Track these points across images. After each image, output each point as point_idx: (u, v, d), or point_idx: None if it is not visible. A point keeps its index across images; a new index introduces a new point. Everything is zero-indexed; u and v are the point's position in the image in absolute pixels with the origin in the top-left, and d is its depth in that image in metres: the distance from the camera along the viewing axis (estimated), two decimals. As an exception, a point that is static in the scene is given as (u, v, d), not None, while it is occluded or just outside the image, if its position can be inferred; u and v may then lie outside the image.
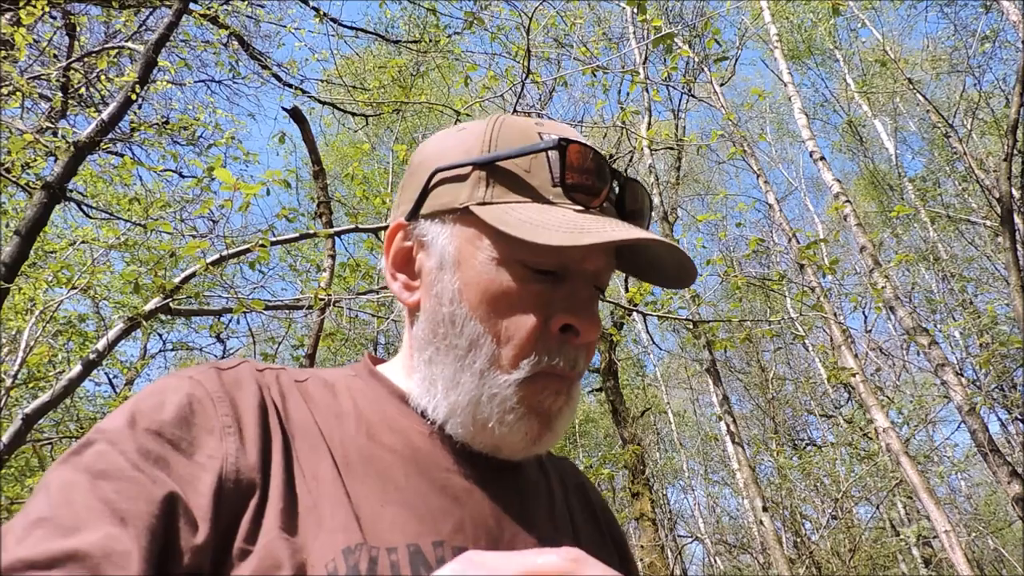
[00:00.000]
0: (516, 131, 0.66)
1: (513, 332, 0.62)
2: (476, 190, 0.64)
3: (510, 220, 0.61)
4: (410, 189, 0.70)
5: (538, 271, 0.63)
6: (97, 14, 6.52)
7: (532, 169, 0.64)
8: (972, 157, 9.01)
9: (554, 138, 0.64)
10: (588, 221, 0.61)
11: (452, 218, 0.65)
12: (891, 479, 7.92)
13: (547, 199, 0.63)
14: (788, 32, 12.22)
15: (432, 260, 0.66)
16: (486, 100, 5.86)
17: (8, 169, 4.13)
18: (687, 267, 0.67)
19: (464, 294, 0.64)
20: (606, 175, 0.65)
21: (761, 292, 8.75)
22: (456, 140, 0.68)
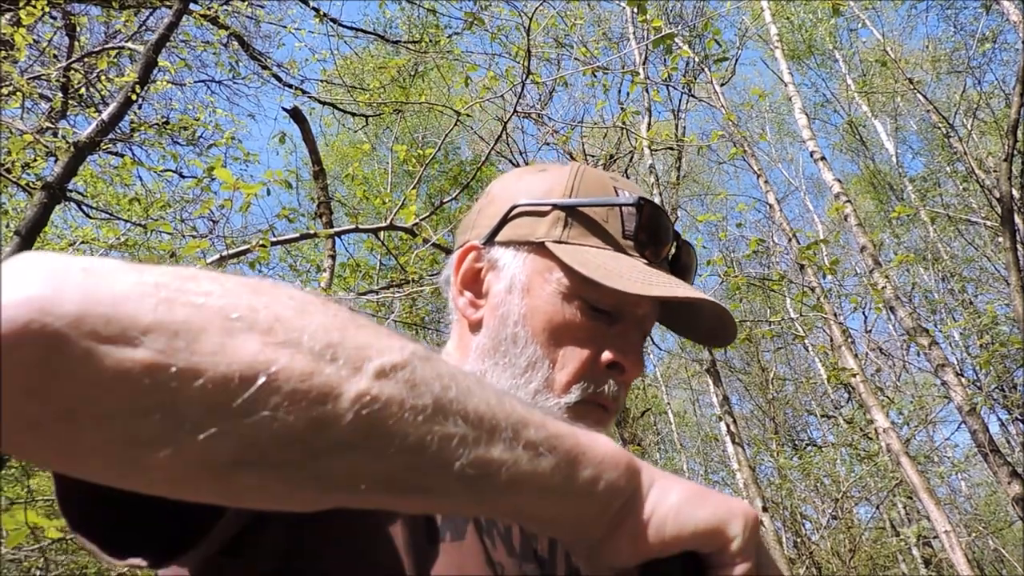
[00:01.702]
0: (596, 182, 0.75)
1: (568, 360, 0.70)
2: (554, 228, 0.72)
3: (588, 262, 0.69)
4: (486, 216, 0.77)
5: (596, 309, 0.71)
6: (97, 14, 6.52)
7: (608, 219, 0.73)
8: (972, 157, 9.01)
9: (634, 196, 0.73)
10: (653, 275, 0.70)
11: (527, 249, 0.73)
12: (891, 479, 7.92)
13: (619, 248, 0.72)
14: (788, 32, 12.21)
15: (502, 283, 0.73)
16: (486, 100, 5.85)
17: (8, 169, 4.13)
18: (729, 329, 0.75)
19: (528, 319, 0.71)
20: (670, 234, 0.75)
21: (761, 292, 8.74)
22: (539, 180, 0.77)
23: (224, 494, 0.34)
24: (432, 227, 4.50)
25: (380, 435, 0.34)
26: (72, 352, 0.29)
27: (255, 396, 0.31)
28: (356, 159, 7.39)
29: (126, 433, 0.30)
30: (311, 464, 0.33)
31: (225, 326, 0.32)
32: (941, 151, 11.92)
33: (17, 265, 0.31)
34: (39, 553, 3.72)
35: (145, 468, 0.31)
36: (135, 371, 0.30)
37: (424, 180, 10.04)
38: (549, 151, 13.85)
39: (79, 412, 0.30)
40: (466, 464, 0.37)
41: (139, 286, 0.32)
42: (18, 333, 0.28)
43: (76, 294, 0.30)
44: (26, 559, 4.37)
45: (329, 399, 0.33)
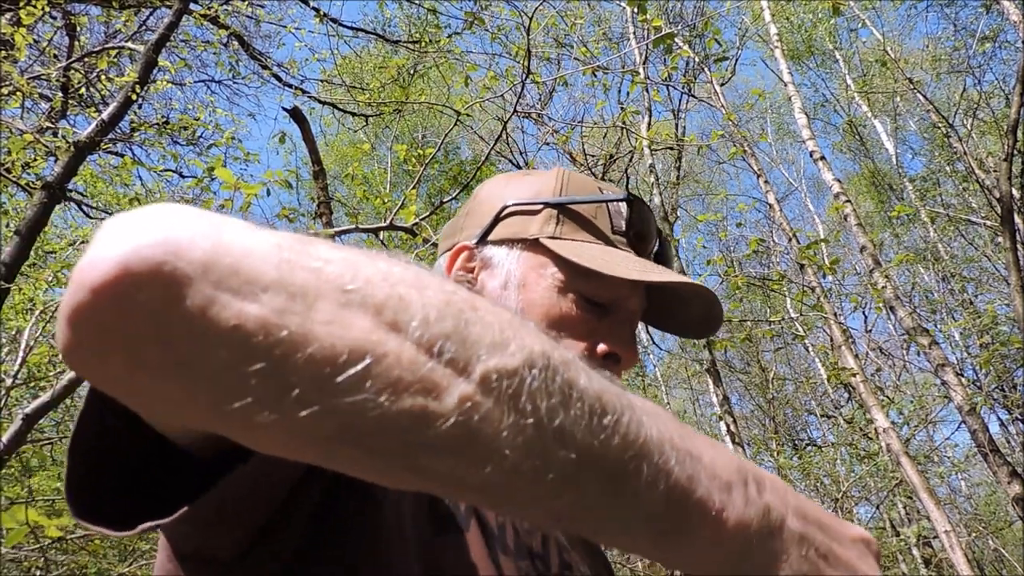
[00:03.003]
0: (582, 183, 0.79)
1: None
2: (546, 225, 0.75)
3: (583, 254, 0.71)
4: (476, 217, 0.79)
5: (590, 302, 0.73)
6: (97, 14, 6.52)
7: (597, 216, 0.76)
8: (972, 157, 9.01)
9: (623, 192, 0.77)
10: (647, 264, 0.74)
11: (520, 246, 0.75)
12: (891, 479, 7.92)
13: (610, 242, 0.75)
14: (788, 32, 12.21)
15: (496, 280, 0.75)
16: (486, 100, 5.85)
17: (8, 169, 4.13)
18: (716, 317, 0.78)
19: (525, 313, 0.72)
20: (654, 229, 0.79)
21: (761, 292, 8.74)
22: (526, 183, 0.80)
23: (326, 462, 0.33)
24: (432, 227, 4.50)
25: (475, 448, 0.33)
26: (196, 297, 0.29)
27: (360, 376, 0.31)
28: (356, 159, 7.40)
29: (233, 390, 0.30)
30: (408, 458, 0.32)
31: (341, 297, 0.32)
32: (941, 151, 11.92)
33: (155, 210, 0.32)
34: (39, 553, 3.72)
35: (250, 428, 0.31)
36: (250, 325, 0.30)
37: (424, 180, 10.03)
38: (549, 151, 13.85)
39: (194, 358, 0.30)
40: (558, 496, 0.35)
41: (263, 244, 0.32)
42: (151, 272, 0.29)
43: (207, 242, 0.31)
44: (26, 559, 4.37)
45: (431, 395, 0.32)
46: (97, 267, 0.29)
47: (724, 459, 0.41)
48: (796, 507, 0.43)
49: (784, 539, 0.41)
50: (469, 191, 7.35)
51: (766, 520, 0.40)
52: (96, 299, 0.29)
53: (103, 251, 0.30)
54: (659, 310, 0.80)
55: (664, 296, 0.79)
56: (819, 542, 0.43)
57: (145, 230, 0.30)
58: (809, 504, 0.44)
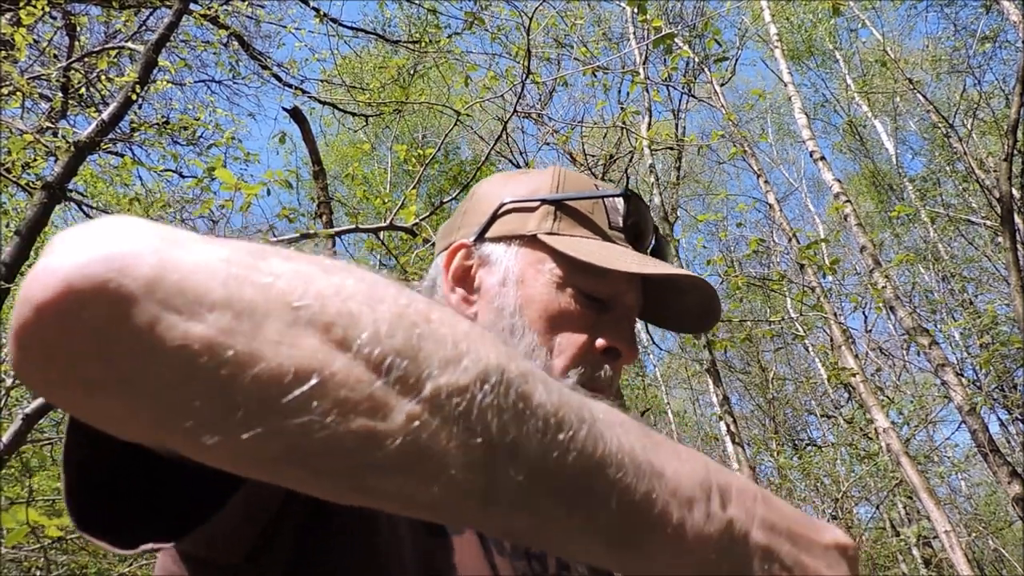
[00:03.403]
0: (579, 180, 0.80)
1: (565, 346, 0.71)
2: (544, 222, 0.75)
3: (581, 249, 0.72)
4: (473, 215, 0.80)
5: (589, 297, 0.73)
6: (97, 14, 6.52)
7: (594, 212, 0.76)
8: (972, 157, 9.01)
9: (620, 188, 0.78)
10: (645, 258, 0.74)
11: (519, 243, 0.75)
12: (891, 479, 7.92)
13: (608, 238, 0.75)
14: (788, 32, 12.21)
15: (495, 277, 0.75)
16: (486, 100, 5.86)
17: (8, 169, 4.13)
18: (714, 311, 0.78)
19: (524, 309, 0.72)
20: (651, 224, 0.79)
21: (761, 292, 8.74)
22: (523, 181, 0.80)
23: (273, 480, 0.33)
24: (432, 227, 4.49)
25: (423, 467, 0.32)
26: (140, 316, 0.29)
27: (306, 396, 0.30)
28: (356, 159, 7.39)
29: (177, 410, 0.30)
30: (355, 479, 0.32)
31: (289, 315, 0.31)
32: (941, 151, 11.92)
33: (105, 223, 0.31)
34: (40, 552, 3.72)
35: (195, 447, 0.31)
36: (195, 346, 0.29)
37: (424, 180, 10.03)
38: (549, 151, 13.84)
39: (136, 377, 0.29)
40: (509, 515, 0.34)
41: (212, 259, 0.31)
42: (95, 290, 0.29)
43: (154, 258, 0.30)
44: (26, 559, 4.37)
45: (378, 415, 0.31)
46: (41, 283, 0.29)
47: (688, 471, 0.40)
48: (763, 518, 0.42)
49: (746, 554, 0.40)
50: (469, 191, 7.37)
51: (727, 535, 0.40)
52: (39, 316, 0.29)
53: (49, 266, 0.29)
54: (656, 306, 0.81)
55: (661, 292, 0.79)
56: (785, 553, 0.42)
57: (92, 245, 0.30)
58: (780, 512, 0.43)
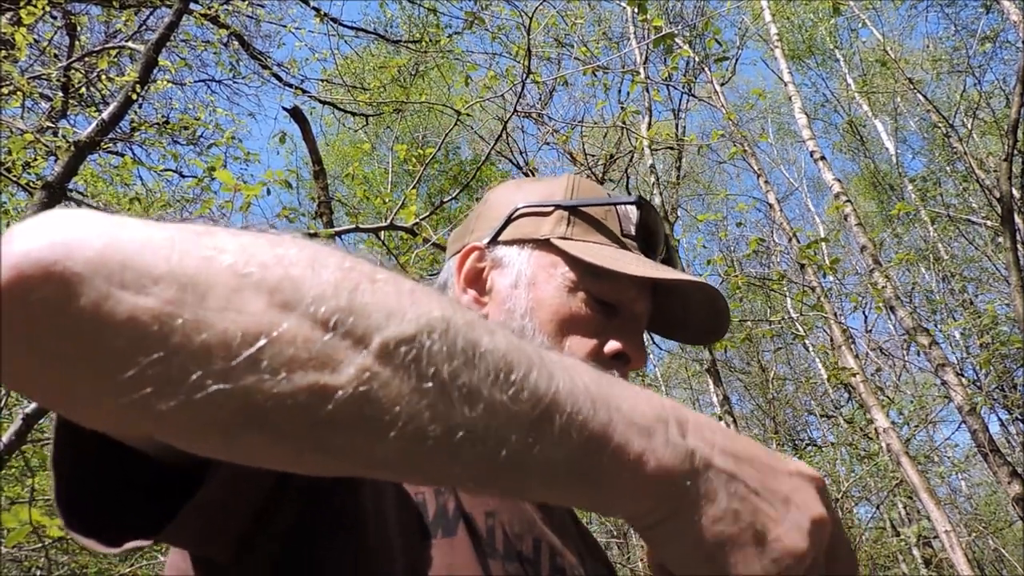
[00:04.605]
0: (592, 187, 0.81)
1: (575, 349, 0.72)
2: (558, 226, 0.76)
3: (595, 254, 0.73)
4: (487, 219, 0.81)
5: (599, 302, 0.74)
6: (97, 14, 6.52)
7: (607, 218, 0.78)
8: (972, 157, 9.01)
9: (633, 196, 0.79)
10: (655, 265, 0.75)
11: (532, 246, 0.76)
12: (891, 479, 7.91)
13: (620, 244, 0.77)
14: (788, 32, 12.21)
15: (507, 279, 0.76)
16: (486, 100, 5.85)
17: (9, 169, 4.13)
18: (723, 321, 0.78)
19: (535, 311, 0.73)
20: (663, 232, 0.80)
21: (761, 292, 8.74)
22: (537, 187, 0.82)
23: (234, 453, 0.33)
24: (432, 227, 4.50)
25: (378, 417, 0.32)
26: (89, 294, 0.30)
27: (255, 356, 0.31)
28: (356, 159, 7.38)
29: (133, 380, 0.31)
30: (313, 434, 0.32)
31: (233, 283, 0.32)
32: (941, 151, 11.91)
33: (51, 215, 0.33)
34: (40, 552, 3.72)
35: (154, 417, 0.32)
36: (143, 318, 0.31)
37: (424, 180, 10.03)
38: (549, 151, 13.83)
39: (91, 352, 0.31)
40: (470, 458, 0.35)
41: (156, 238, 0.33)
42: (43, 273, 0.30)
43: (99, 241, 0.31)
44: (27, 558, 4.37)
45: (327, 370, 0.32)
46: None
47: (645, 405, 0.40)
48: (724, 446, 0.42)
49: (710, 478, 0.40)
50: (469, 191, 7.30)
51: (689, 462, 0.40)
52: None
53: (3, 253, 0.31)
54: (664, 317, 0.81)
55: (670, 302, 0.80)
56: (749, 477, 0.41)
57: (38, 234, 0.31)
58: (742, 443, 0.43)
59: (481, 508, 0.63)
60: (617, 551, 9.74)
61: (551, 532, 0.69)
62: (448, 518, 0.61)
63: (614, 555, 9.62)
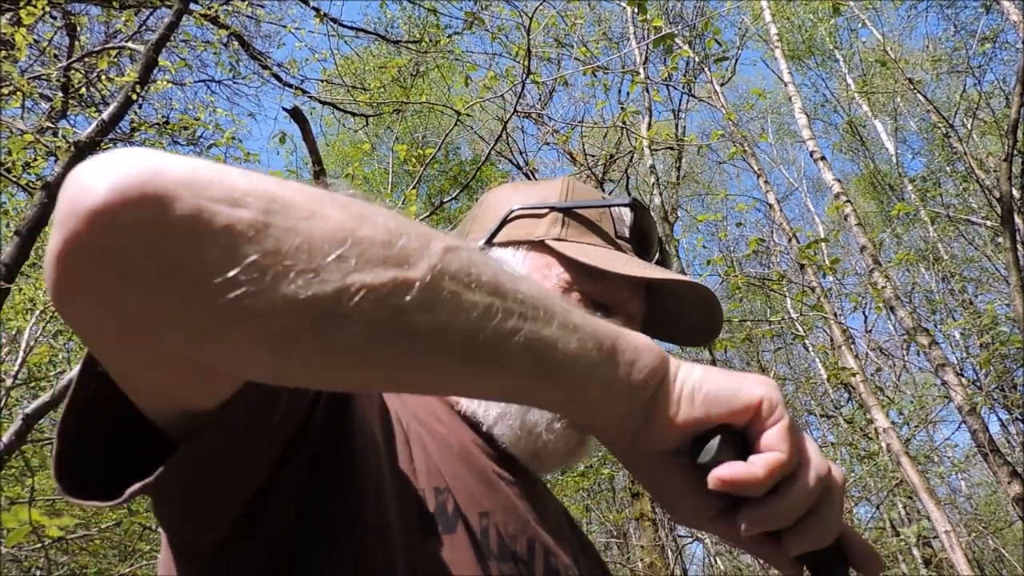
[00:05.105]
0: (587, 190, 0.83)
1: None
2: (553, 228, 0.77)
3: (589, 255, 0.73)
4: (483, 221, 0.82)
5: (594, 303, 0.74)
6: (97, 14, 6.52)
7: (602, 220, 0.79)
8: (972, 157, 9.01)
9: (627, 198, 0.80)
10: (649, 265, 0.76)
11: (526, 247, 0.77)
12: (891, 479, 7.91)
13: (615, 246, 0.78)
14: (788, 32, 12.20)
15: None
16: (486, 100, 5.85)
17: (8, 169, 4.13)
18: (716, 322, 0.79)
19: None
20: (656, 234, 0.82)
21: (761, 292, 8.74)
22: (533, 189, 0.83)
23: (318, 350, 0.36)
24: (432, 227, 4.49)
25: (454, 300, 0.38)
26: (183, 207, 0.32)
27: (345, 254, 0.35)
28: (356, 159, 7.38)
29: (229, 283, 0.33)
30: (399, 318, 0.37)
31: (310, 200, 0.37)
32: (941, 151, 11.91)
33: (123, 150, 0.35)
34: (40, 552, 3.72)
35: (246, 320, 0.34)
36: (241, 227, 0.33)
37: (424, 180, 10.03)
38: (549, 151, 13.83)
39: (188, 262, 0.33)
40: (526, 337, 0.41)
41: (227, 167, 0.36)
42: (139, 192, 0.32)
43: (183, 164, 0.34)
44: (27, 558, 4.37)
45: (407, 264, 0.37)
46: (87, 195, 0.32)
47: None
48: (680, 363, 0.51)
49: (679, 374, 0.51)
50: (469, 191, 7.28)
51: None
52: (90, 223, 0.32)
53: (87, 183, 0.32)
54: (659, 318, 0.82)
55: (664, 303, 0.80)
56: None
57: (122, 161, 0.33)
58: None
59: (475, 509, 0.63)
60: (617, 551, 9.74)
61: (545, 533, 0.69)
62: (448, 516, 0.61)
63: (614, 555, 9.62)
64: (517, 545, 0.65)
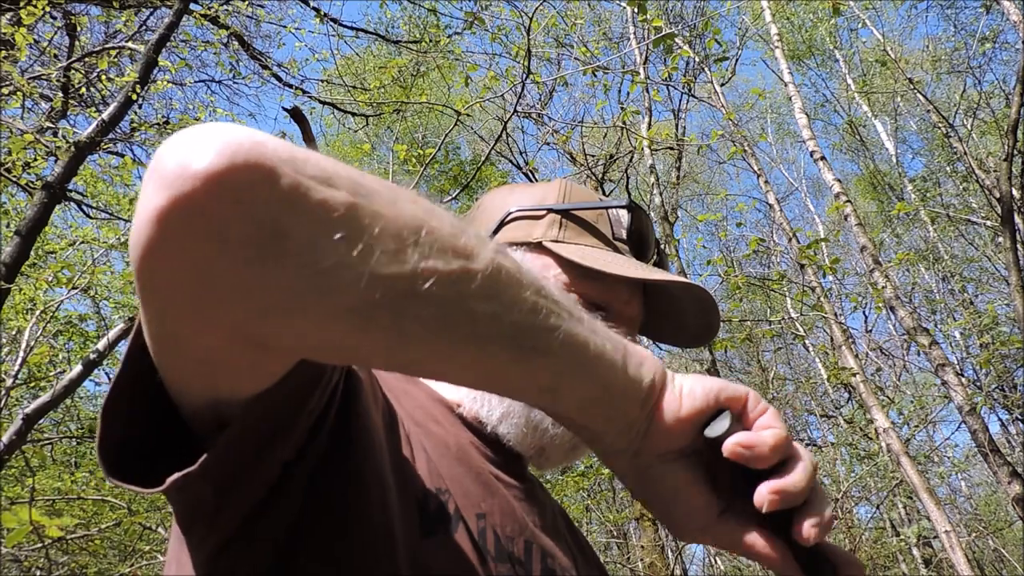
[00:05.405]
0: (584, 192, 0.83)
1: None
2: (550, 230, 0.78)
3: (586, 256, 0.74)
4: (480, 224, 0.82)
5: (593, 304, 0.74)
6: (97, 14, 6.52)
7: (599, 222, 0.79)
8: (972, 157, 9.01)
9: (624, 199, 0.81)
10: (647, 267, 0.77)
11: (524, 249, 0.78)
12: (891, 479, 7.92)
13: (612, 247, 0.78)
14: (789, 32, 12.20)
15: None
16: (486, 100, 5.86)
17: (9, 169, 4.13)
18: (713, 323, 0.79)
19: None
20: (653, 236, 0.82)
21: (761, 292, 8.74)
22: (530, 192, 0.83)
23: (392, 326, 0.39)
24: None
25: (509, 292, 0.42)
26: (285, 180, 0.35)
27: (421, 241, 0.39)
28: (356, 159, 7.39)
29: (321, 258, 0.35)
30: (464, 304, 0.40)
31: (389, 190, 0.40)
32: (941, 151, 11.91)
33: (218, 124, 0.36)
34: (40, 552, 3.72)
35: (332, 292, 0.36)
36: (335, 204, 0.36)
37: (424, 180, 10.03)
38: (549, 151, 13.84)
39: (286, 235, 0.35)
40: (565, 334, 0.45)
41: (313, 151, 0.38)
42: (247, 162, 0.34)
43: (279, 142, 0.36)
44: (27, 558, 4.37)
45: (471, 256, 0.41)
46: (196, 159, 0.33)
47: None
48: None
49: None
50: (469, 191, 7.25)
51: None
52: (201, 186, 0.33)
53: (194, 148, 0.34)
54: (656, 319, 0.82)
55: (661, 305, 0.81)
56: None
57: (227, 132, 0.35)
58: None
59: (473, 510, 0.64)
60: (617, 551, 9.74)
61: (543, 535, 0.69)
62: (448, 516, 0.61)
63: (614, 555, 9.62)
64: (515, 547, 0.66)
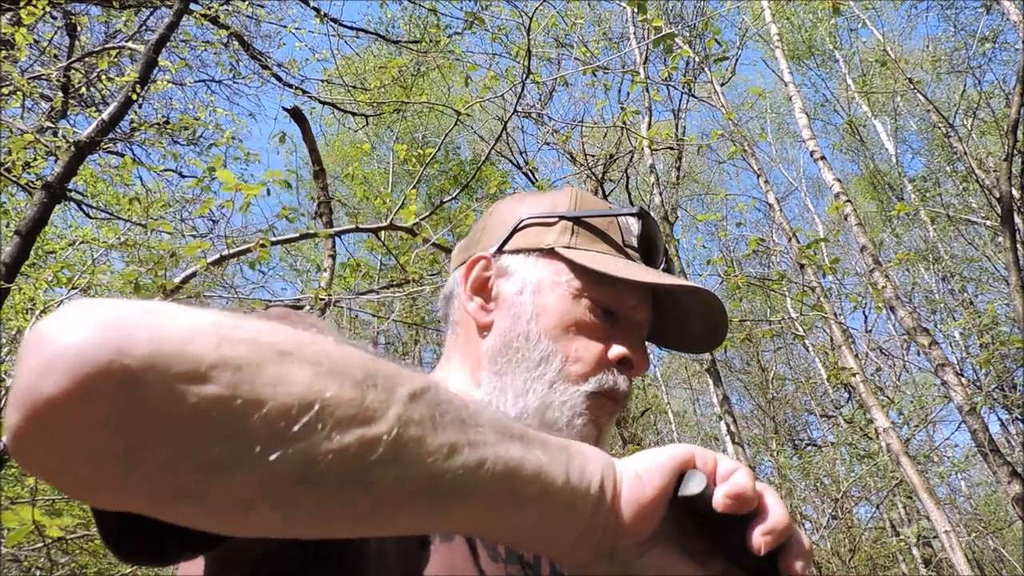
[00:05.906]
0: (594, 200, 0.85)
1: (582, 353, 0.75)
2: (562, 236, 0.79)
3: (598, 262, 0.76)
4: (492, 230, 0.84)
5: (603, 309, 0.76)
6: (97, 14, 6.52)
7: (609, 229, 0.81)
8: (972, 157, 9.01)
9: (635, 207, 0.83)
10: (658, 272, 0.78)
11: (537, 255, 0.79)
12: (891, 479, 7.92)
13: (623, 253, 0.80)
14: (788, 32, 12.20)
15: (513, 286, 0.79)
16: (486, 100, 5.86)
17: (8, 169, 4.13)
18: (720, 329, 0.80)
19: (540, 317, 0.76)
20: (662, 243, 0.84)
21: (761, 292, 8.74)
22: (541, 199, 0.85)
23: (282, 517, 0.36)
24: (432, 227, 4.50)
25: (419, 447, 0.38)
26: (149, 391, 0.32)
27: (313, 420, 0.35)
28: (356, 159, 7.40)
29: (198, 461, 0.33)
30: (364, 476, 0.36)
31: (280, 360, 0.36)
32: (941, 151, 11.91)
33: (80, 309, 0.33)
34: (41, 552, 3.72)
35: (211, 492, 0.34)
36: (206, 405, 0.33)
37: (424, 180, 10.03)
38: (549, 151, 13.84)
39: (153, 444, 0.32)
40: (493, 462, 0.41)
41: (199, 325, 0.35)
42: (101, 374, 0.31)
43: (145, 335, 0.33)
44: (27, 558, 4.37)
45: (374, 420, 0.37)
46: (49, 375, 0.31)
47: None
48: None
49: None
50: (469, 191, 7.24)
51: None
52: (49, 409, 0.31)
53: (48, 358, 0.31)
54: (664, 326, 0.83)
55: (670, 311, 0.82)
56: None
57: (82, 330, 0.32)
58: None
59: None
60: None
61: None
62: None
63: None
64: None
